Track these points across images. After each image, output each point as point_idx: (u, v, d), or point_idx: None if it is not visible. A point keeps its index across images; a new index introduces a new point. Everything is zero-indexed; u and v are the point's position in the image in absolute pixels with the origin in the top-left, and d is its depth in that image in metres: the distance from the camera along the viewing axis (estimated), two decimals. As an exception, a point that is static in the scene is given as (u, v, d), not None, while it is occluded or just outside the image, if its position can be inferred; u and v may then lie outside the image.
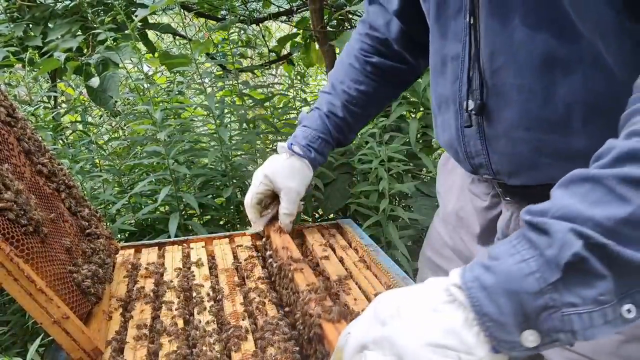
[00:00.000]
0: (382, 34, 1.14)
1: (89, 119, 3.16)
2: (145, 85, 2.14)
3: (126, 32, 2.24)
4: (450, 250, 1.10)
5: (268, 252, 1.12)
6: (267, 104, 2.50)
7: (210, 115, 2.03)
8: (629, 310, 0.51)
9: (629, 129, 0.55)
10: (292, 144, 1.17)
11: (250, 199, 1.17)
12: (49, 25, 2.57)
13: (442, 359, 0.53)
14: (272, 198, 1.19)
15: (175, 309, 0.92)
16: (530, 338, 0.52)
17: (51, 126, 2.30)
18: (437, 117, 0.96)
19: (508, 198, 0.90)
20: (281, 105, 2.92)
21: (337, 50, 2.80)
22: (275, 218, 1.19)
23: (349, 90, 1.17)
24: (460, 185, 1.06)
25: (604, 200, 0.51)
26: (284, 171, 1.15)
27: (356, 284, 1.01)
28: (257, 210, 1.18)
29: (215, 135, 2.03)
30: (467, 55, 0.81)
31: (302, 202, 1.22)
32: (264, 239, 1.19)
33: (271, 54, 3.57)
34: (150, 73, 3.13)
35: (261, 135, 2.39)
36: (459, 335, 0.53)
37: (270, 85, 2.65)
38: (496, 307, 0.52)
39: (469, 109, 0.83)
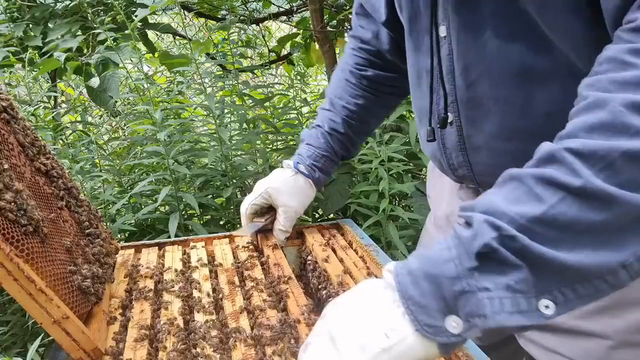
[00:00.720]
0: (373, 47, 1.14)
1: (89, 119, 3.17)
2: (145, 85, 2.14)
3: (126, 32, 2.24)
4: None
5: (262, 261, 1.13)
6: (267, 104, 2.50)
7: (210, 115, 2.03)
8: (546, 307, 0.52)
9: (560, 132, 0.57)
10: (297, 162, 1.18)
11: (245, 209, 1.19)
12: (49, 25, 2.57)
13: (368, 334, 0.55)
14: (268, 209, 1.20)
15: (175, 309, 0.92)
16: (453, 324, 0.53)
17: (51, 126, 2.30)
18: (420, 129, 0.97)
19: None
20: (281, 105, 2.92)
21: (337, 50, 2.81)
22: (269, 230, 1.20)
23: (348, 105, 1.17)
24: (450, 190, 1.07)
25: (522, 199, 0.53)
26: (286, 188, 1.16)
27: (356, 284, 1.01)
28: (250, 219, 1.20)
29: (215, 135, 2.03)
30: (439, 69, 0.82)
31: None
32: (257, 248, 1.19)
33: (271, 54, 3.57)
34: (150, 73, 3.14)
35: (261, 135, 2.39)
36: (386, 312, 0.56)
37: (270, 85, 2.66)
38: (418, 289, 0.54)
39: (461, 123, 0.83)
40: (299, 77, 2.98)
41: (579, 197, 0.51)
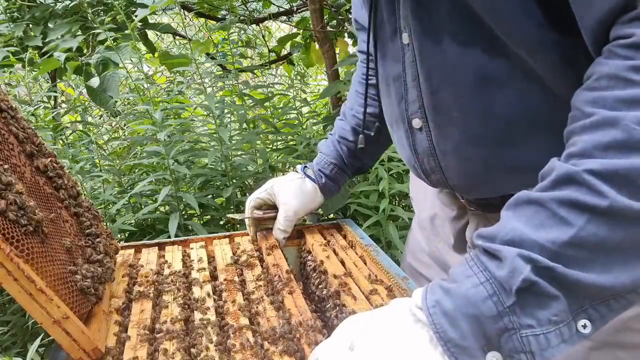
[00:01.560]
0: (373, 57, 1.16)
1: (89, 119, 3.17)
2: (145, 85, 2.14)
3: (126, 32, 2.24)
4: (428, 256, 1.11)
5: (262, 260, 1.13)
6: (267, 104, 2.50)
7: (210, 115, 2.03)
8: (584, 326, 0.52)
9: (567, 151, 0.56)
10: (305, 166, 1.20)
11: (249, 201, 1.21)
12: (49, 25, 2.57)
13: None
14: (272, 207, 1.21)
15: (175, 309, 0.92)
16: None
17: (51, 126, 2.31)
18: (393, 136, 0.97)
19: (472, 208, 0.91)
20: (281, 105, 2.92)
21: (337, 50, 2.81)
22: (269, 229, 1.21)
23: (357, 114, 1.18)
24: (432, 193, 1.07)
25: (547, 224, 0.53)
26: (290, 188, 1.17)
27: (356, 284, 1.01)
28: (251, 211, 1.21)
29: (215, 135, 2.03)
30: (405, 76, 0.82)
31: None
32: (255, 243, 1.21)
33: (271, 54, 3.57)
34: (150, 73, 3.14)
35: (261, 135, 2.39)
36: (426, 354, 0.54)
37: (270, 85, 2.65)
38: (459, 332, 0.53)
39: (429, 128, 0.83)
40: (299, 77, 2.98)
41: (606, 216, 0.51)
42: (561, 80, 0.68)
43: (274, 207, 1.21)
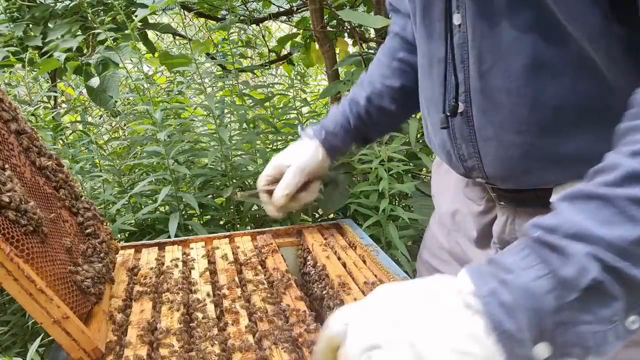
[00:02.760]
0: (404, 37, 1.14)
1: (89, 119, 3.17)
2: (145, 85, 2.14)
3: (126, 32, 2.24)
4: (447, 253, 1.09)
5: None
6: (267, 104, 2.50)
7: (210, 115, 2.03)
8: (633, 322, 0.52)
9: (632, 147, 0.55)
10: (305, 127, 1.17)
11: (259, 182, 1.16)
12: (49, 25, 2.58)
13: None
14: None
15: (175, 309, 0.92)
16: (542, 351, 0.52)
17: (51, 126, 2.31)
18: (428, 120, 0.96)
19: (502, 202, 0.90)
20: (281, 105, 2.92)
21: (337, 50, 2.81)
22: (270, 231, 1.20)
23: (374, 82, 1.14)
24: (455, 187, 1.05)
25: (613, 220, 0.52)
26: (292, 151, 1.14)
27: (356, 284, 1.01)
28: (267, 195, 1.15)
29: (215, 135, 2.03)
30: (453, 57, 0.81)
31: (321, 186, 1.18)
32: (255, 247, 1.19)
33: (271, 54, 3.57)
34: (150, 73, 3.14)
35: (261, 135, 2.39)
36: (482, 342, 0.53)
37: (270, 85, 2.65)
38: (516, 324, 0.52)
39: (472, 113, 0.82)
40: (299, 77, 2.98)
41: None
42: (620, 72, 0.68)
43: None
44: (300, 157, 1.12)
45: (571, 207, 0.55)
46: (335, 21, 2.74)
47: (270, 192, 1.13)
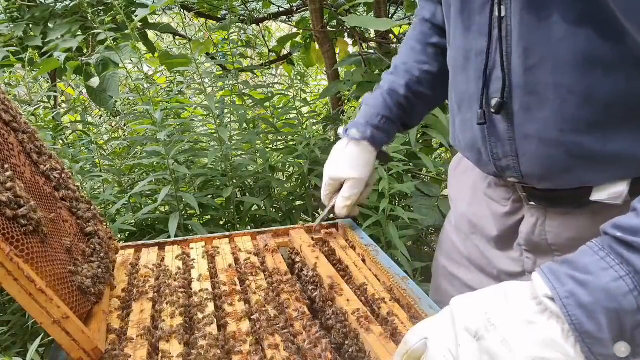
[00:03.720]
0: (435, 21, 1.11)
1: (89, 119, 3.17)
2: (145, 85, 2.14)
3: (126, 32, 2.24)
4: (465, 258, 1.06)
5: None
6: (267, 104, 2.50)
7: (210, 115, 2.03)
8: None
9: None
10: (347, 128, 1.14)
11: (322, 198, 1.19)
12: (49, 25, 2.58)
13: None
14: (337, 189, 1.19)
15: (175, 309, 0.92)
16: (622, 349, 0.53)
17: (51, 126, 2.31)
18: (457, 116, 0.92)
19: (532, 202, 0.87)
20: (281, 105, 2.92)
21: (337, 50, 2.81)
22: (268, 232, 1.20)
23: (411, 70, 1.12)
24: (473, 188, 1.02)
25: None
26: (343, 163, 1.13)
27: (356, 284, 1.01)
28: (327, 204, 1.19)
29: (215, 135, 2.03)
30: (496, 51, 0.77)
31: (368, 186, 1.21)
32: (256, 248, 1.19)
33: (271, 54, 3.57)
34: (150, 73, 3.14)
35: (261, 135, 2.39)
36: (560, 347, 0.54)
37: (270, 85, 2.66)
38: (596, 324, 0.53)
39: (512, 109, 0.79)
40: (299, 77, 2.98)
41: None
42: None
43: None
44: (356, 167, 1.13)
45: None
46: (335, 21, 2.74)
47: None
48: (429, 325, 0.63)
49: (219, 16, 3.38)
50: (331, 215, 1.19)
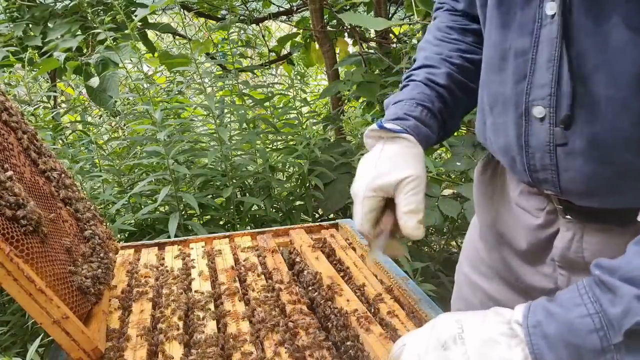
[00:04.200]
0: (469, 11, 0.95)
1: (89, 119, 3.17)
2: (145, 85, 2.14)
3: (126, 32, 2.24)
4: (488, 267, 0.96)
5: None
6: (267, 104, 2.50)
7: (210, 115, 2.03)
8: None
9: None
10: (381, 122, 0.85)
11: (360, 225, 0.82)
12: (49, 25, 2.58)
13: None
14: (382, 209, 0.83)
15: (175, 309, 0.92)
16: None
17: (51, 126, 2.31)
18: (487, 117, 0.83)
19: (569, 217, 0.78)
20: (281, 105, 2.92)
21: (337, 50, 2.81)
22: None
23: (452, 58, 0.92)
24: (503, 197, 0.91)
25: None
26: (382, 169, 0.81)
27: (356, 284, 1.01)
28: (375, 234, 0.82)
29: (215, 135, 2.03)
30: (535, 53, 0.70)
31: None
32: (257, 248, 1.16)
33: (271, 54, 3.57)
34: (150, 73, 3.13)
35: (261, 135, 2.39)
36: (507, 314, 0.55)
37: (270, 85, 2.65)
38: (555, 357, 0.53)
39: (556, 120, 0.70)
40: (299, 77, 2.98)
41: None
42: None
43: (384, 207, 0.82)
44: (410, 164, 0.81)
45: (637, 249, 0.54)
46: (335, 21, 2.74)
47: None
48: (412, 333, 0.66)
49: (219, 16, 3.38)
50: (381, 252, 0.85)
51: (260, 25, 3.63)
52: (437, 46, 0.94)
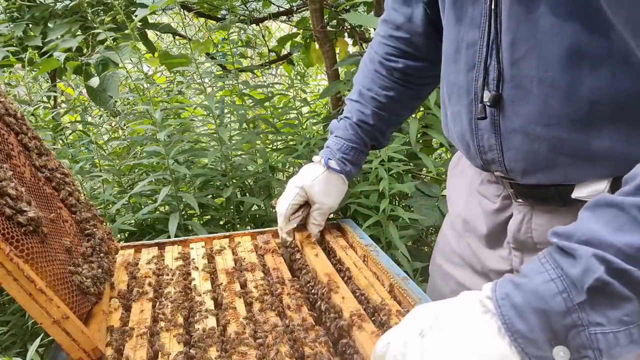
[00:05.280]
0: (406, 32, 1.09)
1: (89, 119, 3.17)
2: (145, 85, 2.14)
3: (126, 32, 2.24)
4: (459, 257, 1.07)
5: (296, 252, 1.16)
6: (267, 104, 2.50)
7: (210, 115, 2.03)
8: None
9: None
10: (328, 158, 1.17)
11: (285, 210, 1.18)
12: (49, 25, 2.57)
13: None
14: (302, 205, 1.21)
15: (175, 310, 0.92)
16: (560, 354, 0.54)
17: (51, 126, 2.31)
18: (447, 108, 0.92)
19: (520, 200, 0.87)
20: (281, 105, 2.92)
21: (337, 50, 2.81)
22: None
23: (377, 97, 1.14)
24: (469, 187, 1.02)
25: (626, 228, 0.53)
26: (320, 187, 1.16)
27: (356, 284, 1.01)
28: (289, 218, 1.20)
29: (215, 135, 2.03)
30: (486, 43, 0.77)
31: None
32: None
33: (271, 54, 3.57)
34: (150, 73, 3.14)
35: (261, 135, 2.39)
36: (495, 344, 0.56)
37: (270, 85, 2.65)
38: (526, 324, 0.55)
39: (484, 100, 0.79)
40: (299, 77, 2.98)
41: None
42: None
43: (303, 205, 1.21)
44: (333, 197, 1.19)
45: (591, 215, 0.57)
46: (335, 21, 2.74)
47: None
48: (393, 330, 0.66)
49: (219, 16, 3.38)
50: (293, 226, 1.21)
51: (260, 25, 3.63)
52: (370, 78, 1.16)
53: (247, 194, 2.25)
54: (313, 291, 0.99)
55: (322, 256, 1.11)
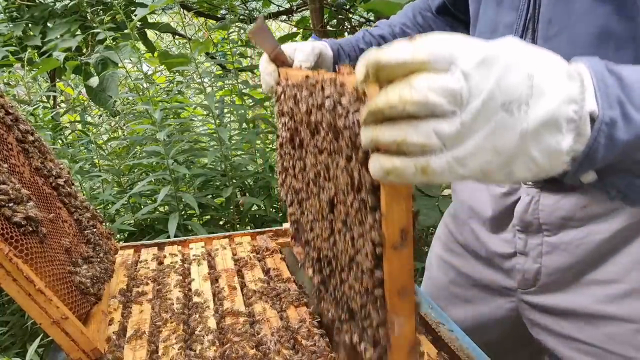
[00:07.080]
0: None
1: (88, 119, 3.16)
2: (145, 85, 2.13)
3: (125, 31, 2.24)
4: (460, 245, 1.09)
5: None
6: (267, 103, 2.49)
7: (210, 115, 2.03)
8: None
9: None
10: (315, 37, 1.16)
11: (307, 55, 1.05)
12: (48, 24, 2.57)
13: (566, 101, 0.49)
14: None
15: (175, 310, 0.91)
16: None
17: (50, 126, 2.30)
18: None
19: (529, 184, 0.91)
20: (281, 105, 2.91)
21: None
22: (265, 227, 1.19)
23: (394, 26, 1.17)
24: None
25: None
26: (292, 44, 1.07)
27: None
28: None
29: (215, 135, 2.02)
30: (523, 23, 0.82)
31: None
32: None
33: (271, 53, 3.56)
34: (149, 73, 3.13)
35: (261, 135, 2.38)
36: (579, 95, 0.50)
37: (270, 85, 2.65)
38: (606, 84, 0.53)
39: None
40: (298, 77, 2.97)
41: None
42: None
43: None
44: (306, 43, 1.06)
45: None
46: (335, 20, 2.74)
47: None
48: (463, 41, 0.47)
49: (219, 15, 3.38)
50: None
51: (260, 25, 3.62)
52: (397, 18, 1.19)
53: (247, 194, 2.25)
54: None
55: None
